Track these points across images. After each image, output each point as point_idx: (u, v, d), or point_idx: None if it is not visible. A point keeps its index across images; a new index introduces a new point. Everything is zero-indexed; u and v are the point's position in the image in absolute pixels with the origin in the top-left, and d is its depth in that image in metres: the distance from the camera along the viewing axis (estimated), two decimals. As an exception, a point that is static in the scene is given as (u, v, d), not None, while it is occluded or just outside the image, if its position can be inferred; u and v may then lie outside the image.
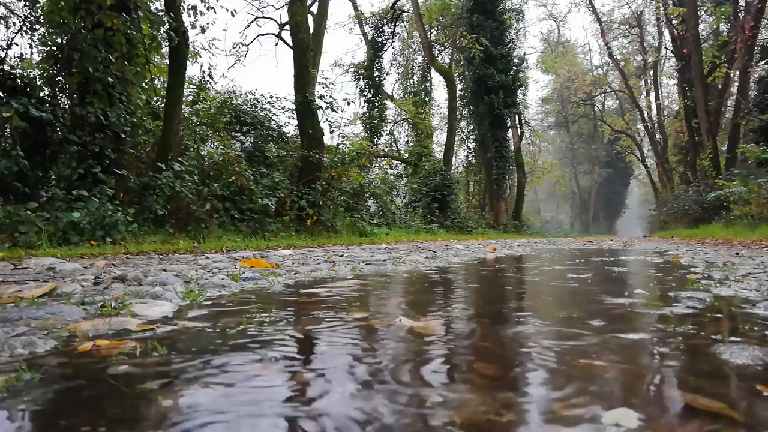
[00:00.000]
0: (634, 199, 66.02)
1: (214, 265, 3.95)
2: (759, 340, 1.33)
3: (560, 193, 62.56)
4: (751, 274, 3.19)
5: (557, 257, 6.00)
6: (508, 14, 28.73)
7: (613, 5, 69.05)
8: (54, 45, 8.01)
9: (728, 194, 14.98)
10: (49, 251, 5.29)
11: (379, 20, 29.28)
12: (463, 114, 30.51)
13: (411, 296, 2.42)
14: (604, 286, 2.86)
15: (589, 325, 1.58)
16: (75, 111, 7.82)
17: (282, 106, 14.61)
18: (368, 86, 28.47)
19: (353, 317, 1.71)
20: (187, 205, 8.70)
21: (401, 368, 1.10)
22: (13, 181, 6.89)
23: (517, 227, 28.04)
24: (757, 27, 20.41)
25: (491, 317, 1.81)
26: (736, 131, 22.45)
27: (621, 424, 0.77)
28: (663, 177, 34.85)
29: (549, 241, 16.80)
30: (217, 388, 0.95)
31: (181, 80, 10.05)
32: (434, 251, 7.10)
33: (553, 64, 42.87)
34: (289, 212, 11.41)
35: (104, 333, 1.42)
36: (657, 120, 36.46)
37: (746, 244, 8.78)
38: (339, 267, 3.94)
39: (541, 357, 1.20)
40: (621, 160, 51.68)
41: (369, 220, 15.78)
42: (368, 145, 17.90)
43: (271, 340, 1.37)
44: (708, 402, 0.87)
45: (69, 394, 0.93)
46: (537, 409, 0.85)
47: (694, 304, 1.95)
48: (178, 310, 1.85)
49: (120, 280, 2.66)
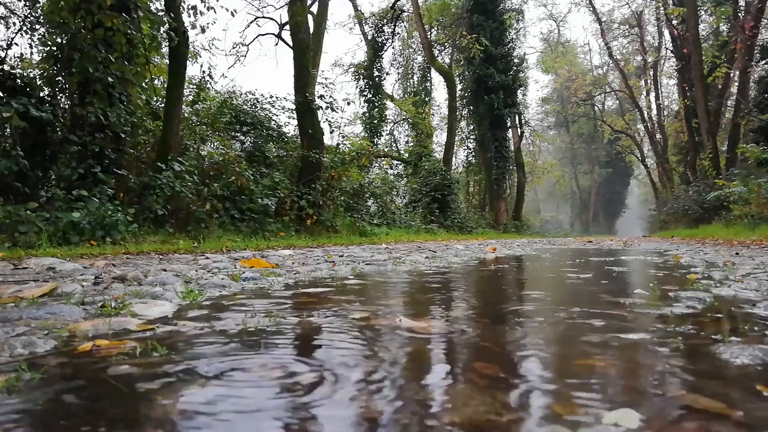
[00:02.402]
0: (634, 199, 66.01)
1: (214, 265, 3.95)
2: (759, 340, 1.33)
3: (560, 193, 62.55)
4: (751, 274, 3.19)
5: (557, 257, 6.00)
6: (508, 14, 28.73)
7: (613, 5, 69.14)
8: (54, 45, 8.01)
9: (728, 194, 14.99)
10: (49, 251, 5.29)
11: (379, 20, 29.28)
12: (463, 114, 30.51)
13: (411, 296, 2.42)
14: (604, 286, 2.86)
15: (589, 325, 1.58)
16: (75, 111, 7.82)
17: (282, 106, 14.63)
18: (368, 86, 28.47)
19: (353, 317, 1.71)
20: (187, 205, 8.70)
21: (401, 368, 1.10)
22: (13, 181, 6.89)
23: (517, 227, 28.05)
24: (757, 27, 20.41)
25: (491, 317, 1.81)
26: (736, 131, 22.46)
27: (621, 424, 0.77)
28: (663, 177, 34.86)
29: (549, 241, 16.80)
30: (217, 388, 0.95)
31: (181, 80, 10.05)
32: (434, 251, 7.10)
33: (553, 64, 42.88)
34: (289, 212, 11.41)
35: (104, 333, 1.42)
36: (657, 120, 36.47)
37: (746, 244, 8.78)
38: (339, 267, 3.94)
39: (542, 357, 1.20)
40: (621, 160, 51.68)
41: (369, 220, 15.78)
42: (368, 145, 17.91)
43: (272, 340, 1.37)
44: (708, 402, 0.87)
45: (69, 394, 0.93)
46: (537, 409, 0.85)
47: (694, 304, 1.95)
48: (178, 310, 1.85)
49: (120, 280, 2.66)
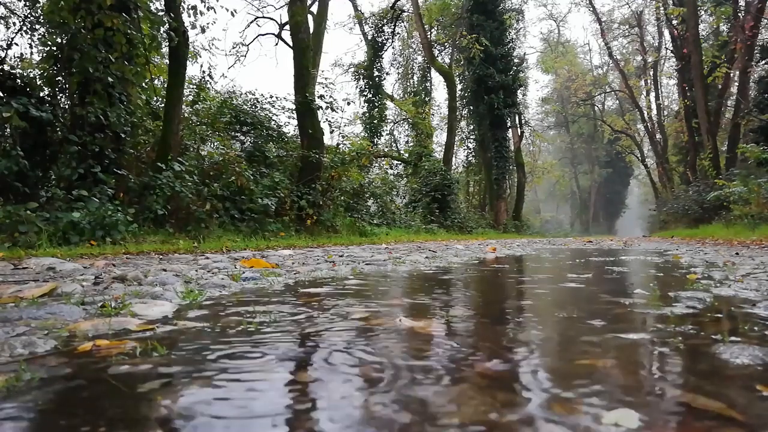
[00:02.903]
0: (634, 199, 66.02)
1: (214, 265, 3.95)
2: (759, 340, 1.33)
3: (560, 193, 62.55)
4: (751, 274, 3.19)
5: (557, 257, 6.00)
6: (508, 14, 28.74)
7: (613, 5, 69.13)
8: (54, 45, 8.01)
9: (728, 194, 14.99)
10: (49, 251, 5.29)
11: (379, 20, 29.30)
12: (463, 114, 30.52)
13: (411, 296, 2.42)
14: (604, 286, 2.86)
15: (589, 325, 1.58)
16: (75, 111, 7.82)
17: (282, 106, 14.64)
18: (368, 86, 28.48)
19: (353, 317, 1.71)
20: (187, 205, 8.70)
21: (401, 368, 1.10)
22: (13, 181, 6.89)
23: (517, 227, 28.05)
24: (757, 27, 20.42)
25: (491, 317, 1.81)
26: (736, 131, 22.46)
27: (621, 424, 0.77)
28: (663, 177, 34.87)
29: (549, 241, 16.80)
30: (217, 389, 0.95)
31: (181, 80, 10.05)
32: (434, 251, 7.10)
33: (553, 64, 42.89)
34: (289, 212, 11.41)
35: (104, 333, 1.42)
36: (657, 120, 36.48)
37: (746, 244, 8.78)
38: (339, 267, 3.94)
39: (542, 357, 1.20)
40: (621, 160, 51.69)
41: (369, 220, 15.78)
42: (368, 145, 17.92)
43: (272, 340, 1.37)
44: (708, 402, 0.87)
45: (69, 394, 0.93)
46: (537, 409, 0.85)
47: (694, 304, 1.95)
48: (178, 310, 1.85)
49: (120, 280, 2.66)
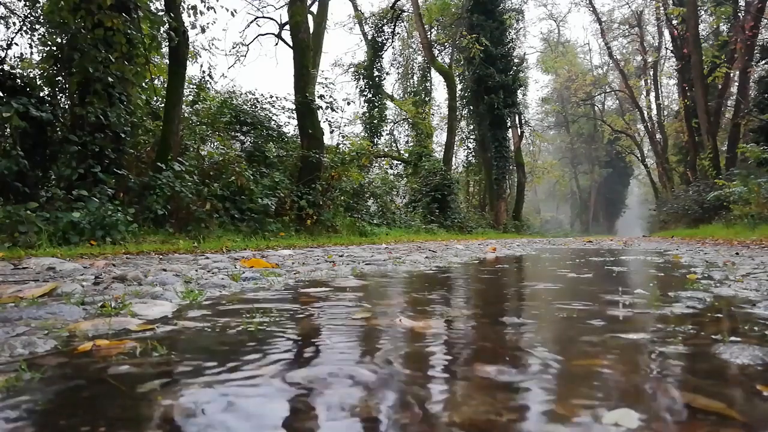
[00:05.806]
0: (634, 199, 66.01)
1: (214, 265, 3.95)
2: (759, 340, 1.33)
3: (560, 193, 62.54)
4: (751, 274, 3.19)
5: (557, 257, 6.00)
6: (508, 14, 28.72)
7: (613, 5, 69.03)
8: (54, 45, 8.01)
9: (728, 194, 14.99)
10: (49, 251, 5.29)
11: (379, 20, 29.29)
12: (463, 114, 30.51)
13: (411, 296, 2.42)
14: (604, 285, 2.86)
15: (589, 324, 1.58)
16: (75, 111, 7.82)
17: (282, 106, 14.64)
18: (368, 86, 28.48)
19: (353, 317, 1.71)
20: (187, 205, 8.70)
21: (401, 368, 1.10)
22: (13, 181, 6.89)
23: (517, 227, 28.06)
24: (757, 27, 20.41)
25: (491, 317, 1.81)
26: (736, 131, 22.46)
27: (621, 424, 0.77)
28: (663, 177, 34.88)
29: (549, 241, 16.80)
30: (216, 389, 0.95)
31: (181, 80, 10.05)
32: (434, 251, 7.10)
33: (553, 64, 42.88)
34: (289, 212, 11.41)
35: (104, 333, 1.42)
36: (657, 120, 36.49)
37: (746, 244, 8.78)
38: (339, 267, 3.94)
39: (541, 357, 1.20)
40: (621, 160, 51.70)
41: (369, 220, 15.78)
42: (368, 145, 17.91)
43: (272, 340, 1.37)
44: (708, 402, 0.87)
45: (69, 394, 0.93)
46: (537, 408, 0.85)
47: (694, 304, 1.95)
48: (178, 310, 1.85)
49: (120, 280, 2.66)
